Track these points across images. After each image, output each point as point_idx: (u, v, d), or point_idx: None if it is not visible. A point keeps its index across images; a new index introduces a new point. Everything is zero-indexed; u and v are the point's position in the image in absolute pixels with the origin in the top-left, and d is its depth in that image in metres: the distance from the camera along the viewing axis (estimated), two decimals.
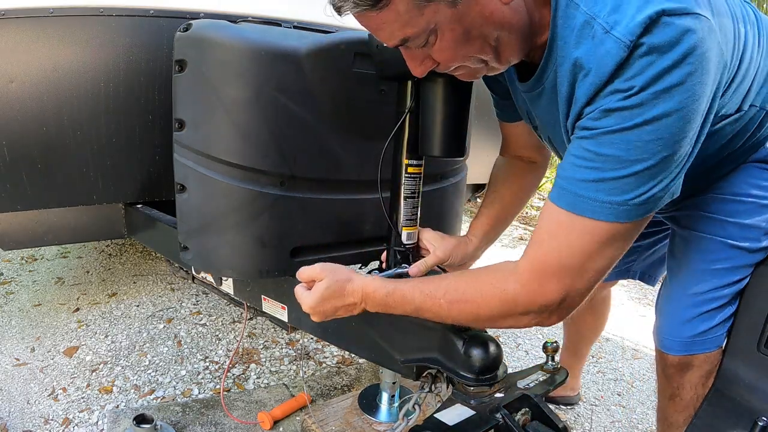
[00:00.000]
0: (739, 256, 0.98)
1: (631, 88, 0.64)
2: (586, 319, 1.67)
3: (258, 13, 1.50)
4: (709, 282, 1.00)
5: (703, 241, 1.00)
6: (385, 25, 0.71)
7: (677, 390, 1.08)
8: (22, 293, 2.40)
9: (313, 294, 0.90)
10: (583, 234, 0.71)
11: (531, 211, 5.47)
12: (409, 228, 1.14)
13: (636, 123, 0.65)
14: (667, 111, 0.64)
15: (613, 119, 0.66)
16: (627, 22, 0.63)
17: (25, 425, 1.51)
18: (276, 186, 1.12)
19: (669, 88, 0.63)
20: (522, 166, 1.21)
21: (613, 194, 0.69)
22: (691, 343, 1.03)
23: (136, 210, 1.66)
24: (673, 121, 0.65)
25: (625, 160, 0.67)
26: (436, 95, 0.99)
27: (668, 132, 0.66)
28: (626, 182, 0.68)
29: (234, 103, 1.06)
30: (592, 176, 0.69)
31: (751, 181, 0.95)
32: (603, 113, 0.67)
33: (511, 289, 0.77)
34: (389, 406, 1.40)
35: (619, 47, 0.63)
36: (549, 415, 0.88)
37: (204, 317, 2.27)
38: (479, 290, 0.80)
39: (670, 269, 1.11)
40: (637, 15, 0.62)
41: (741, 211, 0.96)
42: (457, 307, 0.82)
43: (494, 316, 0.80)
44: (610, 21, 0.65)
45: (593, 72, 0.67)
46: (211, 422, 1.55)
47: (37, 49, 1.29)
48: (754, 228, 0.96)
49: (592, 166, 0.69)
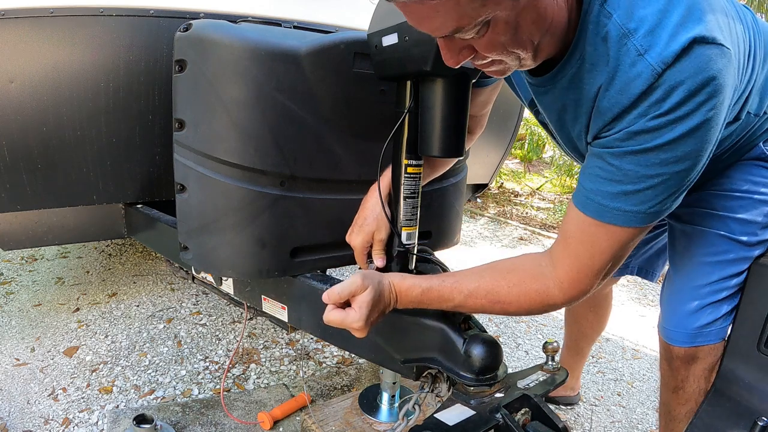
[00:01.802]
0: (739, 249, 1.02)
1: (657, 112, 0.69)
2: (588, 317, 1.68)
3: (258, 13, 1.51)
4: (712, 274, 1.04)
5: (705, 235, 1.05)
6: (438, 14, 0.66)
7: (681, 382, 1.11)
8: (22, 293, 2.40)
9: (361, 309, 0.86)
10: (609, 239, 0.80)
11: (531, 211, 5.48)
12: (409, 228, 1.14)
13: (658, 144, 0.71)
14: (687, 133, 0.70)
15: (638, 141, 0.72)
16: (661, 49, 0.67)
17: (25, 425, 1.51)
18: (276, 186, 1.12)
19: (690, 113, 0.68)
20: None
21: (635, 204, 0.76)
22: (697, 334, 1.06)
23: (136, 210, 1.66)
24: (693, 142, 0.71)
25: (647, 176, 0.74)
26: (435, 95, 0.99)
27: (687, 151, 0.72)
28: (646, 194, 0.75)
29: (234, 103, 1.06)
30: (617, 189, 0.76)
31: (748, 177, 1.00)
32: (628, 135, 0.72)
33: (554, 296, 0.86)
34: (389, 406, 1.40)
35: (650, 73, 0.68)
36: (549, 415, 0.88)
37: (204, 317, 2.27)
38: (523, 295, 0.87)
39: (672, 263, 1.14)
40: (671, 42, 0.66)
41: (740, 206, 1.01)
42: (500, 307, 0.89)
43: (532, 312, 0.91)
44: (645, 44, 0.68)
45: (622, 91, 0.71)
46: (211, 422, 1.55)
47: (37, 49, 1.29)
48: (753, 223, 1.01)
49: (617, 179, 0.76)
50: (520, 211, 5.45)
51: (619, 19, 0.70)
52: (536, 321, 2.62)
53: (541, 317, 2.67)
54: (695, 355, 1.08)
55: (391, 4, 0.69)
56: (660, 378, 1.20)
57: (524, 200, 6.02)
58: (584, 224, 0.81)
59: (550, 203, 6.01)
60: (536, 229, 4.61)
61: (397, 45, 0.96)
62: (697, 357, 1.08)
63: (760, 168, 1.00)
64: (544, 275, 0.87)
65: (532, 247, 4.05)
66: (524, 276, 0.88)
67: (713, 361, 1.08)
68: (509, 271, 0.90)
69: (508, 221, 4.86)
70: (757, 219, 1.01)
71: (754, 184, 1.00)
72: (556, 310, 0.91)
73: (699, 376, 1.09)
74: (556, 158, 6.16)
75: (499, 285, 0.88)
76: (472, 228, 4.47)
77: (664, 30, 0.67)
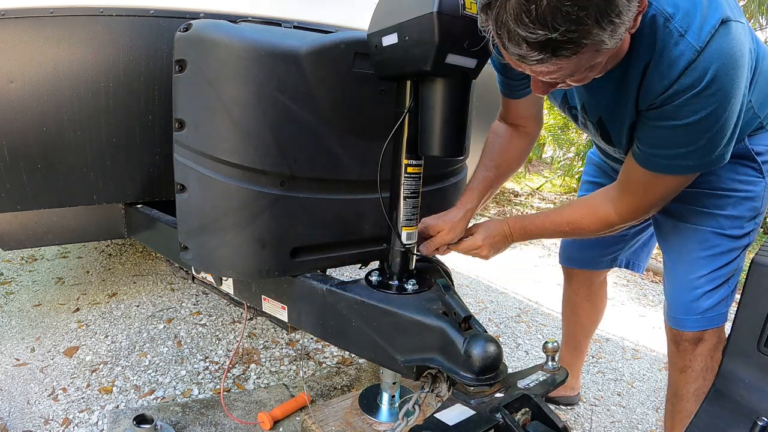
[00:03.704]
0: (729, 242, 1.15)
1: (698, 86, 0.83)
2: (584, 306, 1.70)
3: (258, 13, 1.51)
4: (707, 266, 1.16)
5: (698, 232, 1.17)
6: (560, 69, 0.75)
7: (690, 362, 1.21)
8: (22, 293, 2.40)
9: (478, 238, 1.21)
10: (665, 185, 1.01)
11: (531, 211, 5.48)
12: (409, 228, 1.14)
13: (701, 117, 0.87)
14: (724, 102, 0.85)
15: (683, 113, 0.87)
16: (697, 30, 0.81)
17: (25, 425, 1.51)
18: (276, 186, 1.12)
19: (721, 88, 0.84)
20: (519, 135, 1.32)
21: (688, 160, 0.94)
22: (702, 319, 1.18)
23: (136, 210, 1.66)
24: (729, 107, 0.86)
25: (696, 140, 0.91)
26: (435, 95, 0.99)
27: (727, 116, 0.88)
28: (697, 153, 0.93)
29: (234, 102, 1.06)
30: (673, 152, 0.94)
31: (734, 176, 1.11)
32: (677, 108, 0.87)
33: (615, 221, 1.11)
34: (389, 406, 1.40)
35: (691, 51, 0.82)
36: (549, 415, 0.88)
37: (204, 317, 2.27)
38: (593, 221, 1.13)
39: (668, 258, 1.26)
40: (705, 24, 0.81)
41: (729, 204, 1.13)
42: (578, 231, 1.17)
43: (599, 232, 1.15)
44: (683, 25, 0.82)
45: (667, 68, 0.85)
46: (211, 422, 1.55)
47: (37, 49, 1.29)
48: (740, 218, 1.13)
49: (672, 144, 0.93)
50: (520, 211, 5.45)
51: (659, 5, 0.83)
52: (536, 321, 2.62)
53: (541, 317, 2.67)
54: (702, 337, 1.19)
55: (392, 4, 0.71)
56: (668, 362, 1.30)
57: (524, 200, 6.03)
58: (644, 176, 1.00)
59: (551, 203, 6.01)
60: None
61: (397, 45, 0.96)
62: (703, 339, 1.19)
63: (746, 167, 1.11)
64: (608, 206, 1.10)
65: (532, 247, 4.05)
66: (593, 208, 1.14)
67: (716, 342, 1.18)
68: (586, 208, 1.15)
69: None
70: (744, 214, 1.13)
71: (741, 183, 1.11)
72: (616, 230, 1.15)
73: (705, 355, 1.19)
74: (556, 158, 6.16)
75: (575, 215, 1.16)
76: None
77: (697, 11, 0.82)
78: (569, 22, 0.66)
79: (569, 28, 0.66)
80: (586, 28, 0.67)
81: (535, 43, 0.69)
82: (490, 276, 3.23)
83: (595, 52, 0.73)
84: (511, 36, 0.70)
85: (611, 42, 0.71)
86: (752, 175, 1.11)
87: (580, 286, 1.67)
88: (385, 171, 1.11)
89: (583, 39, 0.69)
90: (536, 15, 0.66)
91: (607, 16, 0.68)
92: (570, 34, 0.67)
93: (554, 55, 0.70)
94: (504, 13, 0.68)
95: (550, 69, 0.75)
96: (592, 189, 1.49)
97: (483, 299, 2.86)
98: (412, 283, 1.14)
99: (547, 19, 0.66)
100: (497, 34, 0.72)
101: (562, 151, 6.59)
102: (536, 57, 0.71)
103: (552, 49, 0.69)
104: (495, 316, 2.63)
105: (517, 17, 0.67)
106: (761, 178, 1.11)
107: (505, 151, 1.32)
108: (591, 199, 1.17)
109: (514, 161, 1.36)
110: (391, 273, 1.17)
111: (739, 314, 1.06)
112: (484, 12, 0.72)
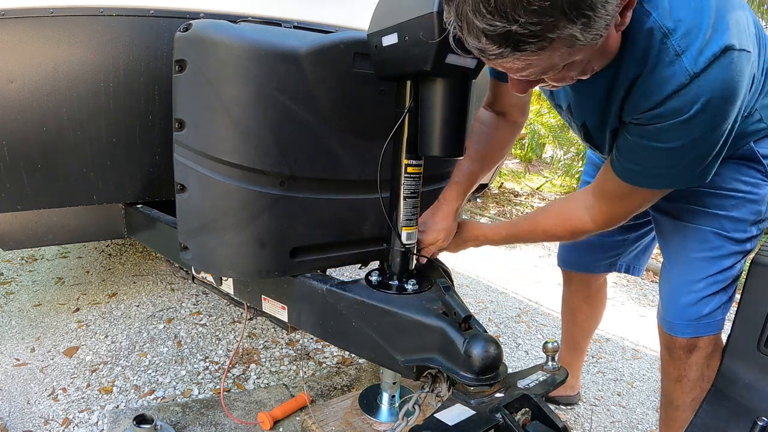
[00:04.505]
0: (731, 245, 1.10)
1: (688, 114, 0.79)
2: (582, 308, 1.70)
3: (258, 13, 1.50)
4: (707, 269, 1.11)
5: (699, 232, 1.12)
6: (530, 66, 0.70)
7: (685, 371, 1.16)
8: (22, 293, 2.40)
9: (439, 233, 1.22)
10: (640, 197, 1.00)
11: (530, 211, 5.47)
12: (409, 228, 1.14)
13: (683, 144, 0.84)
14: (710, 130, 0.82)
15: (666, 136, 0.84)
16: (696, 53, 0.76)
17: (25, 425, 1.51)
18: (276, 186, 1.12)
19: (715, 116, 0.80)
20: (505, 124, 1.28)
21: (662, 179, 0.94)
22: (697, 325, 1.12)
23: (136, 210, 1.66)
24: (712, 138, 0.84)
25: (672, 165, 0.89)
26: (435, 95, 0.99)
27: (705, 146, 0.86)
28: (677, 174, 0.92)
29: (234, 103, 1.05)
30: (652, 172, 0.93)
31: (738, 177, 1.06)
32: (659, 131, 0.84)
33: (589, 228, 1.09)
34: (389, 406, 1.40)
35: (684, 75, 0.77)
36: (549, 415, 0.88)
37: (204, 317, 2.27)
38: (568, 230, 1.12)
39: (668, 258, 1.20)
40: (706, 49, 0.75)
41: (732, 205, 1.08)
42: (551, 239, 1.20)
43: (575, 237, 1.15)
44: (682, 45, 0.77)
45: (658, 85, 0.80)
46: (211, 422, 1.55)
47: (37, 49, 1.29)
48: (743, 221, 1.08)
49: (652, 165, 0.91)
50: (520, 211, 5.45)
51: (659, 18, 0.78)
52: (536, 321, 2.62)
53: (541, 317, 2.67)
54: (696, 345, 1.13)
55: (392, 4, 0.70)
56: (661, 370, 1.23)
57: (524, 200, 6.03)
58: (621, 187, 0.98)
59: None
60: None
61: (397, 45, 0.96)
62: (697, 346, 1.13)
63: (750, 169, 1.06)
64: (583, 214, 1.08)
65: (532, 247, 4.05)
66: (567, 215, 1.12)
67: (712, 350, 1.13)
68: (560, 215, 1.14)
69: None
70: (747, 217, 1.08)
71: (745, 184, 1.06)
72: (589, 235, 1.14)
73: (701, 364, 1.14)
74: (556, 158, 6.16)
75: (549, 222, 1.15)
76: None
77: (700, 32, 0.76)
78: (530, 14, 0.60)
79: (530, 20, 0.61)
80: (552, 21, 0.61)
81: (494, 36, 0.64)
82: (490, 276, 3.23)
83: (568, 49, 0.67)
84: (470, 28, 0.65)
85: (585, 38, 0.65)
86: (757, 178, 1.06)
87: (579, 289, 1.67)
88: (385, 171, 1.10)
89: (549, 33, 0.63)
90: (495, 5, 0.61)
91: (577, 9, 0.61)
92: (532, 27, 0.61)
93: (516, 49, 0.65)
94: (464, 3, 0.64)
95: (518, 65, 0.70)
96: None
97: (483, 299, 2.86)
98: (412, 283, 1.14)
99: (507, 10, 0.60)
100: (458, 25, 0.67)
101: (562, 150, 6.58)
102: (495, 51, 0.66)
103: (513, 43, 0.64)
104: (495, 316, 2.63)
105: (475, 8, 0.62)
106: (767, 181, 1.06)
107: (492, 141, 1.27)
108: (566, 206, 1.14)
109: (498, 152, 1.31)
110: (391, 273, 1.17)
111: (739, 314, 1.06)
112: (446, 3, 0.68)
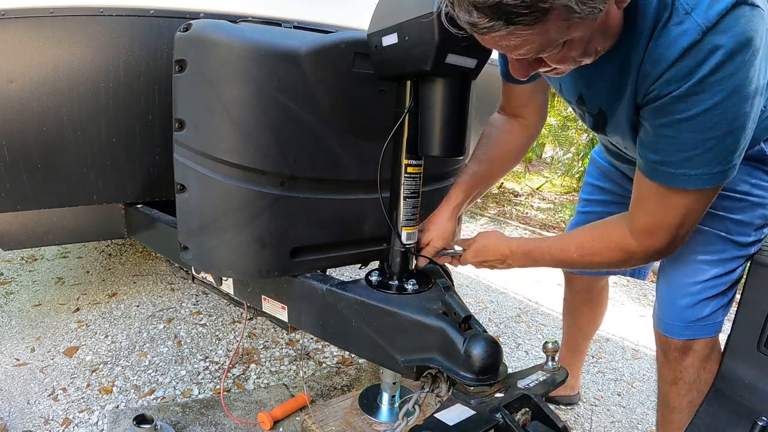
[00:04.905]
0: (735, 249, 1.06)
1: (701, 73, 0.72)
2: (583, 310, 1.69)
3: (258, 13, 1.50)
4: (708, 271, 1.08)
5: (702, 233, 1.07)
6: (526, 42, 0.68)
7: (680, 373, 1.13)
8: (22, 293, 2.40)
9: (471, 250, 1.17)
10: (683, 203, 0.87)
11: (531, 211, 5.48)
12: (409, 228, 1.14)
13: (706, 108, 0.75)
14: (732, 93, 0.73)
15: (687, 105, 0.76)
16: (706, 8, 0.70)
17: (25, 425, 1.51)
18: (276, 186, 1.12)
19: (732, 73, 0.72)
20: (518, 126, 1.24)
21: (698, 167, 0.81)
22: (694, 327, 1.10)
23: (136, 210, 1.66)
24: (739, 101, 0.74)
25: (704, 140, 0.78)
26: (435, 95, 0.99)
27: (736, 111, 0.75)
28: (706, 157, 0.80)
29: (234, 103, 1.06)
30: (678, 157, 0.81)
31: (747, 179, 1.02)
32: (675, 99, 0.76)
33: (632, 246, 0.95)
34: (389, 406, 1.40)
35: (695, 30, 0.71)
36: (549, 415, 0.88)
37: (204, 317, 2.27)
38: (606, 246, 0.99)
39: (667, 258, 1.16)
40: (716, 3, 0.70)
41: (738, 208, 1.04)
42: (588, 259, 1.02)
43: (617, 264, 1.00)
44: (692, 2, 0.72)
45: (665, 49, 0.74)
46: (211, 422, 1.55)
47: (37, 49, 1.29)
48: (749, 224, 1.05)
49: (676, 148, 0.81)
50: (520, 211, 5.45)
51: None
52: (536, 321, 2.62)
53: (541, 317, 2.67)
54: (691, 347, 1.11)
55: (392, 4, 0.70)
56: (657, 371, 1.22)
57: (524, 200, 6.03)
58: (654, 189, 0.88)
59: (550, 203, 6.01)
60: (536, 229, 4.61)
61: (397, 45, 0.96)
62: (693, 349, 1.11)
63: (759, 170, 1.02)
64: (622, 228, 0.96)
65: None
66: (606, 232, 1.00)
67: (709, 352, 1.11)
68: (597, 232, 1.02)
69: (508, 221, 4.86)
70: (753, 221, 1.05)
71: (753, 186, 1.03)
72: (638, 263, 0.99)
73: (697, 366, 1.11)
74: (556, 158, 6.16)
75: (586, 240, 1.02)
76: (472, 228, 4.46)
77: None
78: None
79: None
80: None
81: (485, 8, 0.62)
82: (490, 276, 3.23)
83: (564, 23, 0.64)
84: (460, 1, 0.63)
85: (582, 10, 0.63)
86: (766, 180, 1.02)
87: (580, 291, 1.65)
88: (385, 171, 1.11)
89: (542, 3, 0.60)
90: None
91: None
92: None
93: (509, 22, 0.63)
94: None
95: (514, 43, 0.67)
96: (593, 191, 1.47)
97: (483, 299, 2.86)
98: (412, 283, 1.14)
99: None
100: (449, 1, 0.65)
101: (562, 150, 6.58)
102: (486, 24, 0.63)
103: (505, 15, 0.62)
104: (495, 316, 2.63)
105: None
106: None
107: (501, 144, 1.23)
108: (603, 222, 1.04)
109: (510, 157, 1.27)
110: (391, 273, 1.17)
111: (739, 314, 1.06)
112: None
